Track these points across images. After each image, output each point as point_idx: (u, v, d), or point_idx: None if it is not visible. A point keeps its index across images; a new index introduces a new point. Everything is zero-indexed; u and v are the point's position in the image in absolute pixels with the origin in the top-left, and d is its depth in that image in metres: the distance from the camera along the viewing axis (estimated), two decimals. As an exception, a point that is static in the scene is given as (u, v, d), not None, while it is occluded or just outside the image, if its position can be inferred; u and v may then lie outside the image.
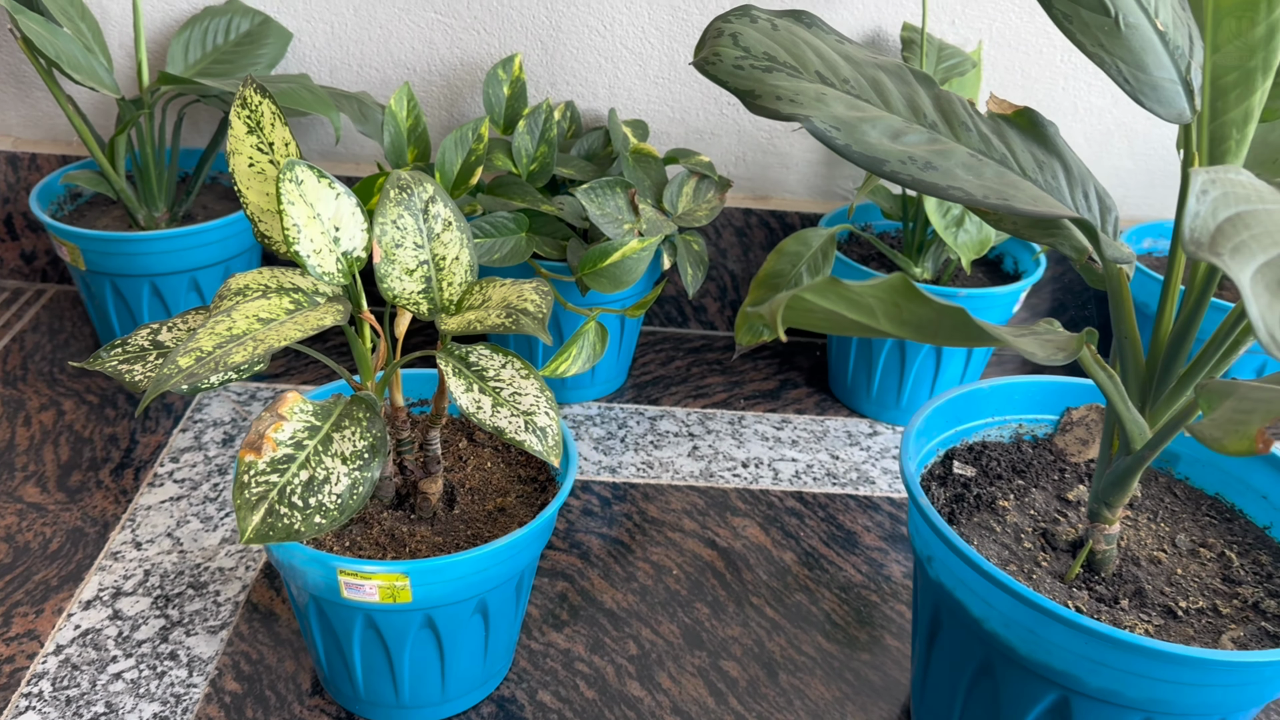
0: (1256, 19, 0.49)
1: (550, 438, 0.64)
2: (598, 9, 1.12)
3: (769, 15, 0.63)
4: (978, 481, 0.76)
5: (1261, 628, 0.66)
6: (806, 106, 0.58)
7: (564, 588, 0.89)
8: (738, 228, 1.23)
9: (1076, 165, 0.62)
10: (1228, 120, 0.54)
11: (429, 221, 0.67)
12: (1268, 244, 0.43)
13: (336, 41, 1.14)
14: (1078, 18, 0.57)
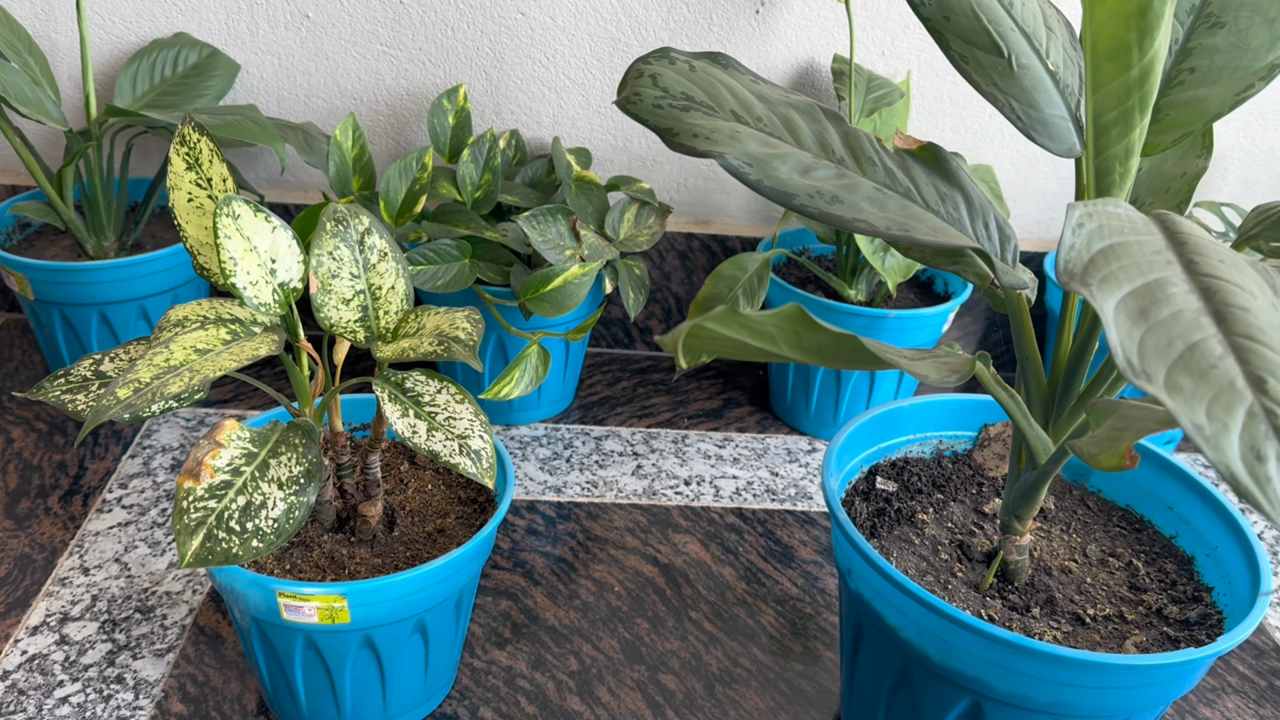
0: (1130, 62, 0.53)
1: (484, 460, 0.66)
2: (541, 41, 1.15)
3: (687, 57, 0.66)
4: (899, 496, 0.80)
5: (1164, 633, 0.69)
6: (721, 144, 0.61)
7: (507, 606, 0.91)
8: (680, 251, 1.27)
9: (978, 197, 0.66)
10: (1111, 155, 0.58)
11: (365, 252, 0.69)
12: (1134, 274, 0.46)
13: (284, 73, 1.16)
14: (973, 58, 0.61)
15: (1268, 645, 0.94)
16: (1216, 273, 0.46)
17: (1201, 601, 0.72)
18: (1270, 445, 0.38)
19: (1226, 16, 0.60)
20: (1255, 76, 0.58)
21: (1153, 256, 0.48)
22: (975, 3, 0.61)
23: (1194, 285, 0.46)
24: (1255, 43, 0.58)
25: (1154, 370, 0.41)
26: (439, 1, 1.12)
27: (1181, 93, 0.59)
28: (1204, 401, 0.40)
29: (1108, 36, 0.52)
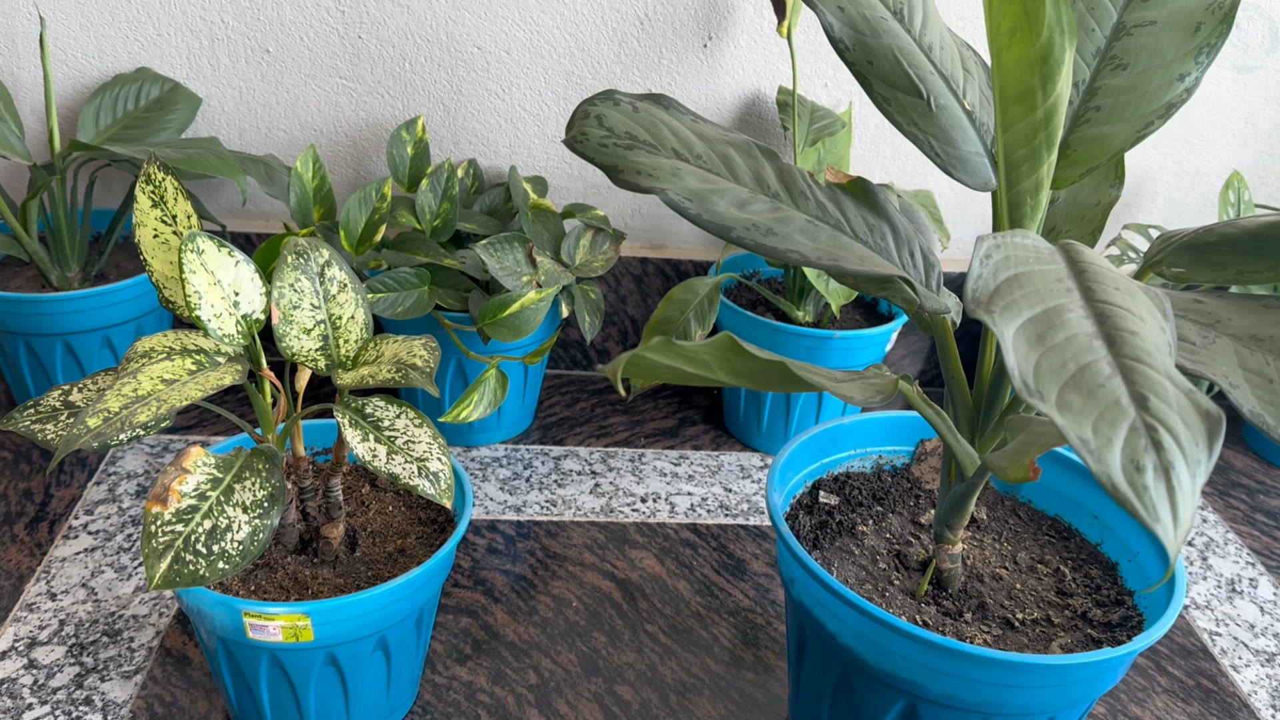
0: (1036, 105, 0.57)
1: (443, 481, 0.69)
2: (497, 74, 1.19)
3: (631, 98, 0.70)
4: (841, 509, 0.84)
5: (1088, 634, 0.74)
6: (663, 180, 0.65)
7: (468, 623, 0.93)
8: (635, 275, 1.30)
9: (904, 227, 0.70)
10: (1022, 189, 0.62)
11: (325, 284, 0.72)
12: (1035, 301, 0.51)
13: (245, 106, 1.19)
14: (895, 100, 0.65)
15: (1196, 647, 0.99)
16: (1111, 299, 0.51)
17: (1124, 605, 0.76)
18: (1148, 457, 0.42)
19: (1129, 59, 0.64)
20: (1154, 115, 0.62)
21: (1054, 285, 0.52)
22: (897, 48, 0.65)
23: (1090, 311, 0.50)
24: (1154, 84, 0.63)
25: (1047, 390, 0.45)
26: (397, 36, 1.16)
27: (1088, 129, 0.64)
28: (1091, 418, 0.44)
29: (1014, 81, 0.57)
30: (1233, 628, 1.02)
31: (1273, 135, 1.30)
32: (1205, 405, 0.44)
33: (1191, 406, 0.44)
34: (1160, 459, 0.42)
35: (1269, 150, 1.31)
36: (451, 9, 1.15)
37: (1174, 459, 0.42)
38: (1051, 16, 0.53)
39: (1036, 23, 0.53)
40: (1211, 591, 1.07)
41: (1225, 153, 1.30)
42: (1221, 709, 0.92)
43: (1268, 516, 1.20)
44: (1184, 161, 1.30)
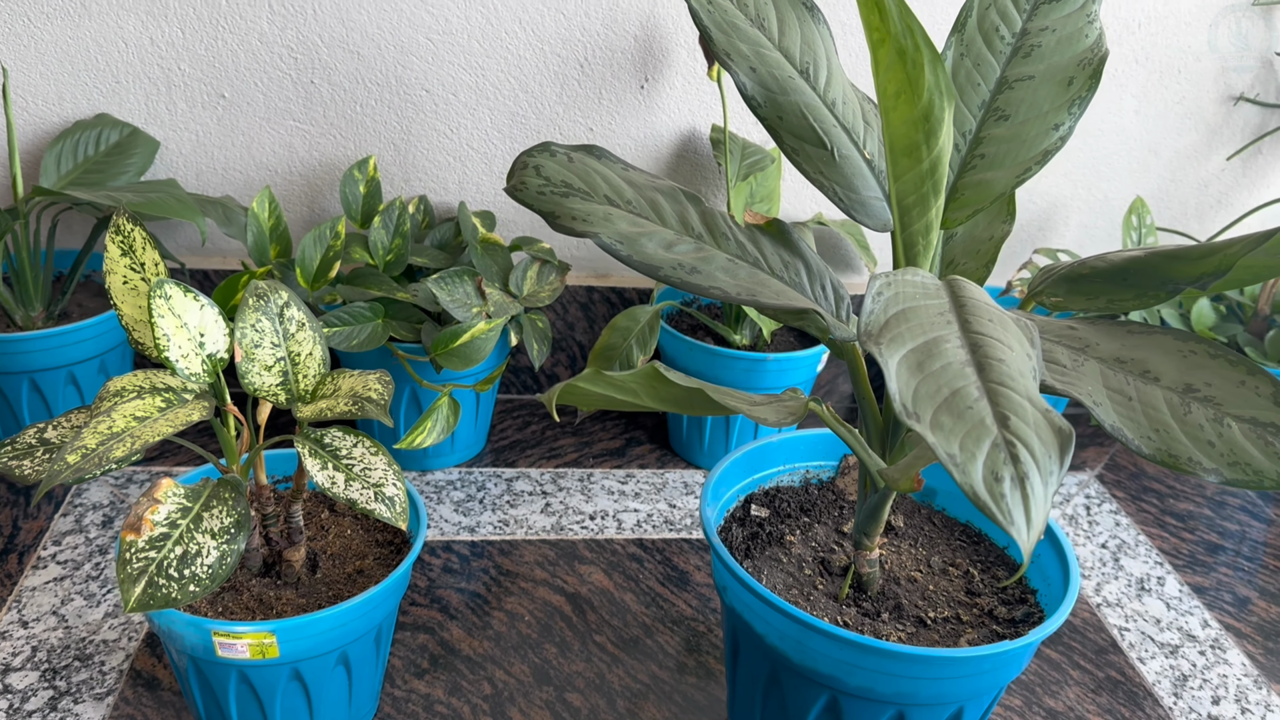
0: (921, 157, 0.65)
1: (398, 505, 0.75)
2: (444, 115, 1.25)
3: (566, 149, 0.76)
4: (770, 521, 0.90)
5: (993, 630, 0.81)
6: (596, 225, 0.72)
7: (425, 639, 0.99)
8: (582, 303, 1.37)
9: (816, 263, 0.77)
10: (914, 231, 0.69)
11: (284, 324, 0.78)
12: (919, 333, 0.58)
13: (202, 148, 1.24)
14: (802, 151, 0.72)
15: (1106, 642, 1.07)
16: (984, 330, 0.58)
17: (1026, 602, 0.83)
18: (1006, 469, 0.49)
19: (1010, 110, 0.72)
20: (1032, 161, 0.70)
21: (936, 318, 0.59)
22: (803, 104, 0.72)
23: (965, 341, 0.57)
24: (1032, 133, 0.71)
25: (923, 412, 0.52)
26: (348, 81, 1.22)
27: (974, 175, 0.71)
28: (959, 436, 0.51)
29: (901, 138, 0.64)
30: (1140, 623, 1.10)
31: (1174, 162, 1.39)
32: (1058, 423, 0.51)
33: (1047, 424, 0.51)
34: (1017, 470, 0.49)
35: (1170, 176, 1.40)
36: (400, 55, 1.21)
37: (1029, 470, 0.49)
38: (931, 82, 0.60)
39: (918, 87, 0.60)
40: (1122, 590, 1.15)
41: (1131, 179, 1.39)
42: (1128, 698, 1.00)
43: (1176, 519, 1.29)
44: (1093, 188, 1.39)
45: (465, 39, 1.21)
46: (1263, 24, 1.32)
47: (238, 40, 1.19)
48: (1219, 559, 1.22)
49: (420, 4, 1.18)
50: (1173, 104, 1.35)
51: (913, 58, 0.59)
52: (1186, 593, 1.16)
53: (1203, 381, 0.61)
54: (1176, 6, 1.29)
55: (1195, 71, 1.33)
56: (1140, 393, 0.61)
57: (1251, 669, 1.05)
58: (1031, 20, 0.74)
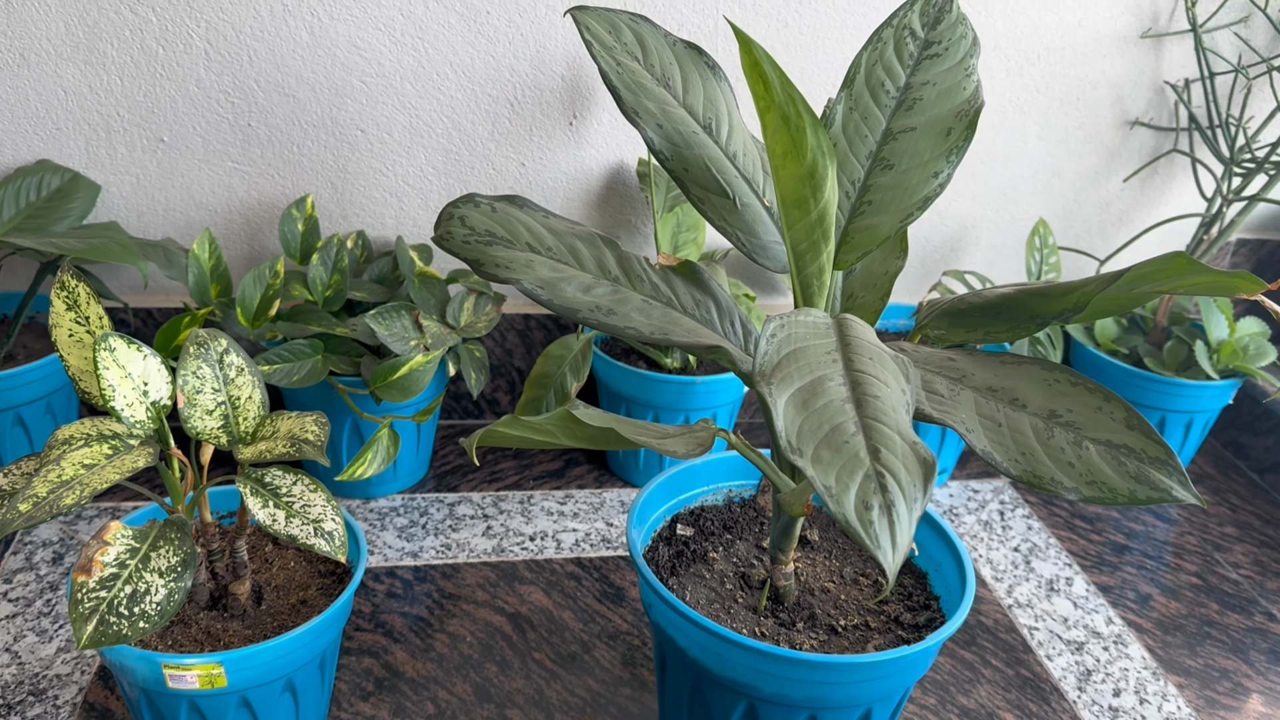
0: (810, 209, 0.71)
1: (337, 539, 0.80)
2: (380, 154, 1.29)
3: (489, 199, 0.81)
4: (695, 539, 0.96)
5: (899, 636, 0.87)
6: (518, 271, 0.77)
7: (370, 663, 1.03)
8: (520, 331, 1.42)
9: (726, 301, 0.83)
10: (809, 273, 0.75)
11: (224, 369, 0.82)
12: (806, 373, 0.63)
13: (142, 190, 1.27)
14: (707, 200, 0.78)
15: (1017, 641, 1.14)
16: (865, 368, 0.64)
17: (930, 608, 0.90)
18: (876, 498, 0.55)
19: (894, 160, 0.79)
20: (914, 206, 0.76)
21: (823, 357, 0.65)
22: (707, 157, 0.78)
23: (847, 379, 0.63)
24: (914, 181, 0.77)
25: (805, 447, 0.58)
26: (284, 123, 1.26)
27: (863, 220, 0.78)
28: (836, 469, 0.57)
29: (791, 192, 0.70)
30: (1049, 622, 1.17)
31: (1076, 184, 1.47)
32: (924, 454, 0.58)
33: (914, 456, 0.57)
34: (885, 499, 0.55)
35: (1074, 197, 1.48)
36: (334, 97, 1.25)
37: (896, 499, 0.55)
38: (813, 143, 0.66)
39: (802, 148, 0.67)
40: (1032, 591, 1.22)
41: (1036, 201, 1.47)
42: (1036, 693, 1.07)
43: (1085, 521, 1.37)
44: (1001, 210, 1.47)
45: (398, 81, 1.25)
46: (1153, 54, 1.40)
47: (175, 87, 1.22)
48: (1124, 559, 1.30)
49: (353, 49, 1.23)
50: (1073, 129, 1.43)
51: (795, 123, 0.65)
52: (1093, 591, 1.23)
53: (1064, 408, 0.67)
54: (1073, 39, 1.37)
55: (1093, 99, 1.42)
56: (1009, 419, 0.68)
57: (1150, 661, 1.13)
58: (914, 75, 0.81)
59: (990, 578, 1.24)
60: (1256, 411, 1.51)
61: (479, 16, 1.24)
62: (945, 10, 0.83)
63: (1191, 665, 1.13)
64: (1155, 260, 0.65)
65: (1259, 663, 1.14)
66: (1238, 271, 0.63)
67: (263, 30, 1.21)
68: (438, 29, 1.23)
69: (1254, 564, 1.32)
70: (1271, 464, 1.48)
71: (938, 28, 0.82)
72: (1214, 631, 1.18)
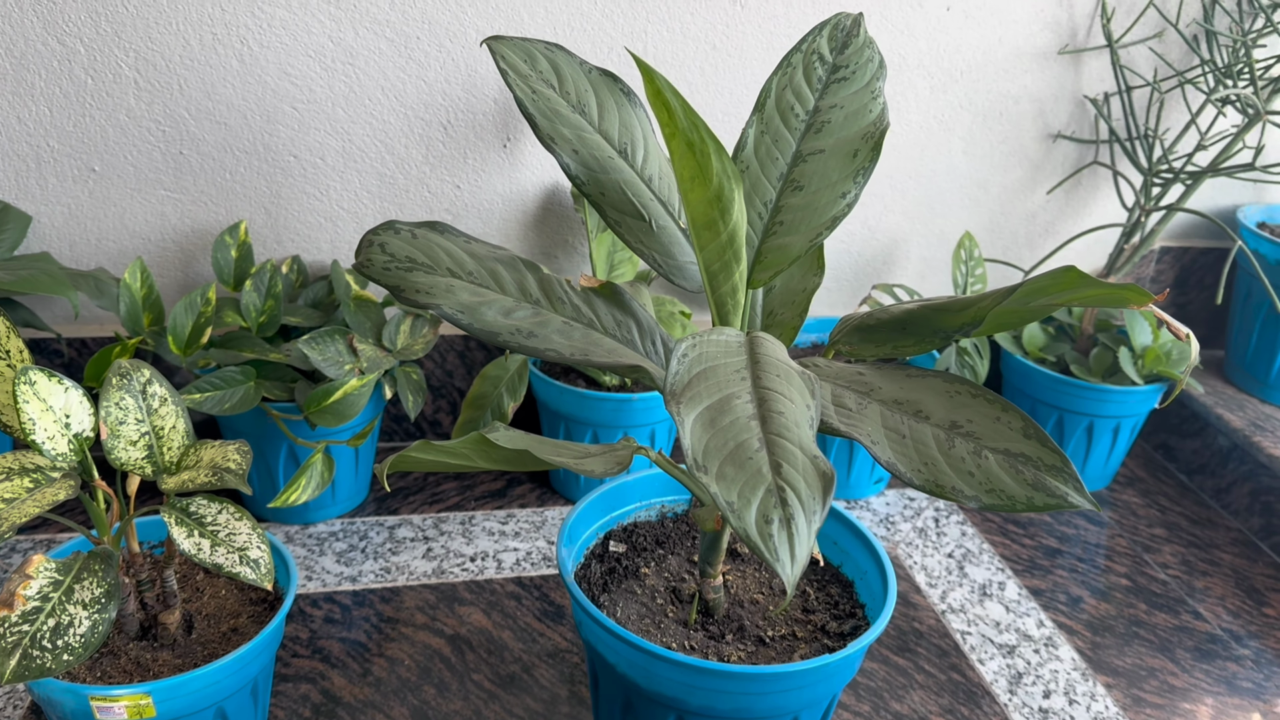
0: (719, 231, 0.73)
1: (263, 566, 0.80)
2: (313, 179, 1.30)
3: (410, 226, 0.82)
4: (628, 555, 0.97)
5: (825, 644, 0.89)
6: (438, 296, 0.78)
7: (307, 689, 1.03)
8: (459, 351, 1.42)
9: (647, 320, 0.85)
10: (723, 292, 0.77)
11: (148, 400, 0.82)
12: (715, 391, 0.65)
13: (75, 220, 1.27)
14: (624, 223, 0.80)
15: (949, 646, 1.16)
16: (772, 385, 0.66)
17: (855, 616, 0.92)
18: (776, 512, 0.57)
19: (804, 181, 0.81)
20: (823, 226, 0.78)
21: (733, 375, 0.67)
22: (623, 181, 0.80)
23: (754, 396, 0.65)
24: (823, 201, 0.79)
25: (710, 464, 0.60)
26: (216, 150, 1.26)
27: (775, 240, 0.80)
28: (739, 485, 0.58)
29: (700, 215, 0.72)
30: (981, 626, 1.20)
31: (1002, 197, 1.51)
32: (823, 468, 0.59)
33: (814, 469, 0.59)
34: (785, 513, 0.57)
35: (1000, 209, 1.52)
36: (266, 123, 1.25)
37: (795, 512, 0.57)
38: (718, 168, 0.68)
39: (708, 173, 0.68)
40: (966, 596, 1.25)
41: (964, 214, 1.51)
42: (967, 697, 1.09)
43: (1018, 527, 1.40)
44: (930, 224, 1.50)
45: (330, 106, 1.26)
46: (1073, 69, 1.44)
47: (105, 116, 1.22)
48: (1056, 562, 1.33)
49: (283, 75, 1.23)
50: (997, 144, 1.47)
51: (700, 149, 0.67)
52: (1025, 595, 1.26)
53: (965, 419, 0.70)
54: (994, 56, 1.41)
55: (1015, 113, 1.46)
56: (913, 431, 0.70)
57: (1080, 662, 1.15)
58: (823, 98, 0.83)
59: (925, 584, 1.26)
60: (1184, 415, 1.56)
61: (409, 42, 1.25)
62: (853, 35, 0.86)
63: (1120, 665, 1.16)
64: (1048, 275, 0.67)
65: (1185, 660, 1.17)
66: (1127, 284, 0.65)
67: (192, 59, 1.21)
68: (368, 55, 1.24)
69: (1181, 564, 1.35)
70: (1199, 465, 1.53)
71: (845, 52, 0.85)
72: (1142, 631, 1.22)
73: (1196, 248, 1.63)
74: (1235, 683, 1.15)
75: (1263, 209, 1.59)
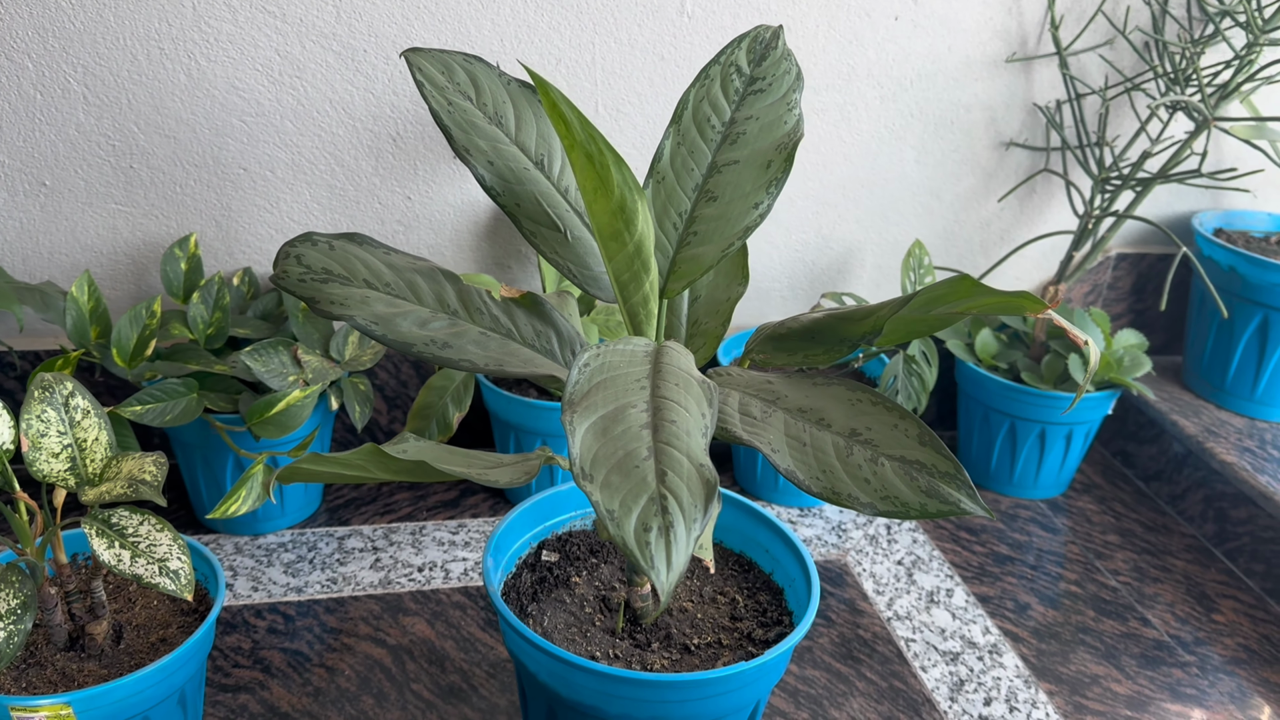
0: (626, 242, 0.73)
1: (183, 577, 0.80)
2: (264, 191, 1.31)
3: (328, 238, 0.83)
4: (560, 565, 0.98)
5: (749, 652, 0.89)
6: (352, 308, 0.79)
7: (245, 699, 1.03)
8: (413, 362, 1.43)
9: (568, 330, 0.85)
10: (635, 303, 0.78)
11: (70, 412, 0.83)
12: (612, 400, 0.66)
13: (26, 234, 1.28)
14: (540, 234, 0.81)
15: (892, 653, 1.17)
16: (669, 394, 0.66)
17: (782, 624, 0.92)
18: (656, 520, 0.58)
19: (719, 192, 0.81)
20: (735, 236, 0.79)
21: (633, 385, 0.67)
22: (538, 192, 0.81)
23: (650, 405, 0.65)
24: (736, 212, 0.80)
25: (597, 474, 0.60)
26: (166, 164, 1.27)
27: (688, 250, 0.80)
28: (622, 493, 0.59)
29: (605, 225, 0.72)
30: (926, 634, 1.20)
31: (955, 205, 1.52)
32: (708, 476, 0.60)
33: (699, 478, 0.60)
34: (664, 521, 0.57)
35: (954, 218, 1.53)
36: (215, 136, 1.26)
37: (675, 520, 0.57)
38: (619, 180, 0.69)
39: (609, 185, 0.69)
40: (913, 603, 1.25)
41: (917, 222, 1.51)
42: (908, 704, 1.10)
43: (969, 533, 1.40)
44: (883, 232, 1.51)
45: (278, 119, 1.27)
46: (1024, 77, 1.45)
47: (55, 131, 1.23)
48: (1006, 569, 1.33)
49: (231, 89, 1.24)
50: (949, 152, 1.48)
51: (599, 160, 0.68)
52: (972, 602, 1.26)
53: (865, 426, 0.70)
54: (944, 65, 1.41)
55: (967, 122, 1.46)
56: (814, 438, 0.70)
57: (1024, 670, 1.16)
58: (739, 110, 0.84)
59: (872, 591, 1.26)
60: (1141, 421, 1.56)
61: (356, 55, 1.26)
62: (771, 47, 0.86)
63: (1064, 672, 1.16)
64: (944, 284, 0.68)
65: (1129, 667, 1.18)
66: (1021, 292, 0.66)
67: (140, 74, 1.22)
68: (315, 68, 1.25)
69: (1133, 570, 1.35)
70: (1156, 472, 1.53)
71: (763, 64, 0.85)
72: (1088, 638, 1.22)
73: (1154, 254, 1.63)
74: (1179, 689, 1.15)
75: (1220, 215, 1.60)
